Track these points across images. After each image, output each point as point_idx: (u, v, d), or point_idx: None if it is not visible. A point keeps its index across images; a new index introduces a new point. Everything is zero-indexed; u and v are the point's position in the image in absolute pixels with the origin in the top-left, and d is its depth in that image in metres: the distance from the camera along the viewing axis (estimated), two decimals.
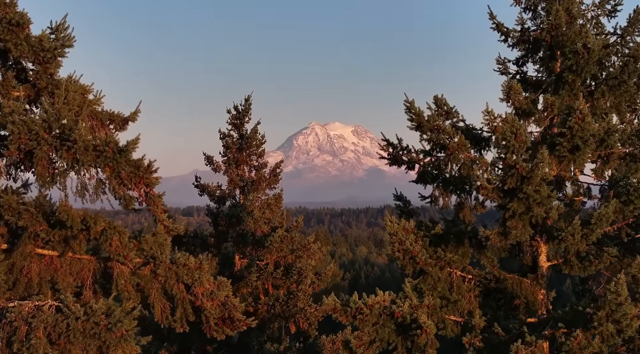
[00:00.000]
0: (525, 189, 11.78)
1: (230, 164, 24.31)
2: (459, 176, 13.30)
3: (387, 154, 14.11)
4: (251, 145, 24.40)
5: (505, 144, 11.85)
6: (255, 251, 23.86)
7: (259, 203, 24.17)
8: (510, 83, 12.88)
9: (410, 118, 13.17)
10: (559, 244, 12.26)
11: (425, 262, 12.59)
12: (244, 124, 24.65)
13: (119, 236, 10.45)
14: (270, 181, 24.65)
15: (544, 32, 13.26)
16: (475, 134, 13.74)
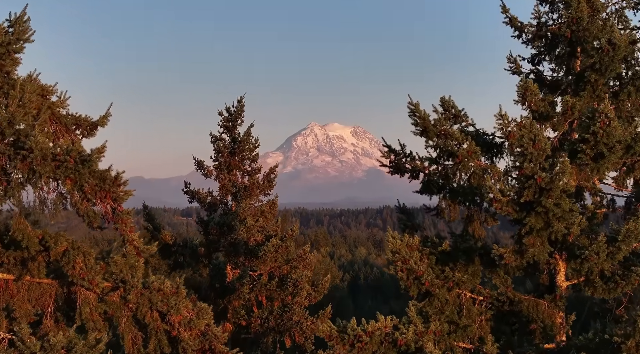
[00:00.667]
0: (544, 202, 10.47)
1: (222, 169, 23.00)
2: (468, 186, 11.99)
3: (389, 161, 12.78)
4: (244, 149, 23.08)
5: (522, 151, 10.53)
6: (248, 261, 22.55)
7: (252, 210, 22.84)
8: (527, 83, 11.56)
9: (415, 122, 11.85)
10: (581, 264, 10.95)
11: (431, 283, 11.27)
12: (237, 126, 23.34)
13: (83, 258, 9.14)
14: (264, 187, 23.32)
15: (563, 27, 11.94)
16: (487, 140, 12.41)
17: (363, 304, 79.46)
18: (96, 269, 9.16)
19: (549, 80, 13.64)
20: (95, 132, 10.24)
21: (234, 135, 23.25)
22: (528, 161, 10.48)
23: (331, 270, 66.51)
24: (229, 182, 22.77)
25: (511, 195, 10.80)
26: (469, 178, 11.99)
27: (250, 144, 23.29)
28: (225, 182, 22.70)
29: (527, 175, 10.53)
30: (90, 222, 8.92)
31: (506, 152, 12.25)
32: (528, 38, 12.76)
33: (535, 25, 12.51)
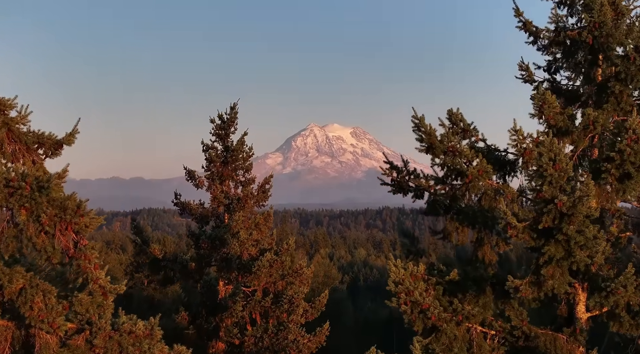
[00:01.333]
0: (565, 229, 9.33)
1: (214, 179, 21.83)
2: (479, 209, 10.84)
3: (391, 179, 11.63)
4: (237, 158, 21.90)
5: (541, 172, 9.37)
6: (242, 277, 21.36)
7: (246, 223, 21.66)
8: (544, 95, 10.40)
9: (420, 138, 10.71)
10: (606, 297, 9.80)
11: (438, 317, 10.12)
12: (230, 135, 22.16)
13: (43, 297, 7.97)
14: (259, 198, 22.15)
15: (583, 32, 10.78)
16: (499, 157, 11.26)
17: (363, 306, 78.41)
18: (58, 309, 8.00)
19: (565, 90, 12.50)
20: (61, 152, 9.08)
21: (226, 143, 22.08)
22: (547, 183, 9.33)
23: (331, 271, 65.49)
24: (221, 194, 21.61)
25: (528, 220, 9.66)
26: (480, 199, 10.83)
27: (244, 153, 22.12)
28: (217, 194, 21.54)
29: (546, 199, 9.39)
30: (49, 258, 7.73)
31: (520, 170, 11.09)
32: (544, 44, 11.60)
33: (553, 31, 11.36)
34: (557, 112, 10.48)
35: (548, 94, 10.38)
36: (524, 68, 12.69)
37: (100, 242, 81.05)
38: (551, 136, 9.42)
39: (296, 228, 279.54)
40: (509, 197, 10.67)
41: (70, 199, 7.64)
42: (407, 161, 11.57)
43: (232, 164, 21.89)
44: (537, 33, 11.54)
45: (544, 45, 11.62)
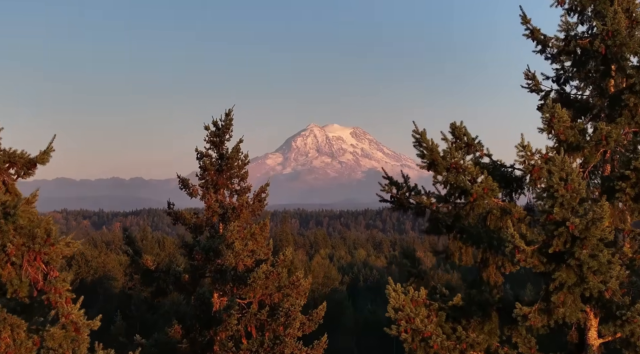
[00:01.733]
0: (577, 253, 8.68)
1: (208, 188, 21.16)
2: (484, 229, 10.16)
3: (390, 196, 10.96)
4: (232, 166, 21.23)
5: (551, 193, 8.71)
6: (237, 289, 20.71)
7: (241, 233, 21.00)
8: (554, 108, 9.72)
9: (421, 154, 10.04)
10: (621, 326, 9.14)
11: (441, 346, 9.47)
12: (224, 142, 21.48)
13: (11, 332, 7.30)
14: (255, 208, 21.47)
15: (596, 41, 10.11)
16: (505, 173, 10.59)
17: (362, 307, 78.00)
18: (28, 345, 7.34)
19: (574, 100, 11.83)
20: (34, 171, 8.41)
21: (221, 151, 21.41)
22: (558, 204, 8.67)
23: (330, 272, 64.99)
24: (215, 203, 20.94)
25: (537, 243, 9.01)
26: (485, 218, 10.17)
27: (239, 161, 21.45)
28: (211, 203, 20.87)
29: (557, 221, 8.74)
30: (16, 291, 7.07)
31: (528, 187, 10.42)
32: (553, 53, 10.93)
33: (562, 39, 10.69)
34: (568, 126, 9.82)
35: (558, 108, 9.71)
36: (530, 77, 12.04)
37: (71, 274, 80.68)
38: (563, 153, 8.74)
39: (296, 228, 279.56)
40: (516, 217, 10.01)
41: (40, 227, 6.97)
42: (407, 176, 10.90)
43: (227, 173, 21.22)
44: (545, 41, 10.89)
45: (552, 54, 10.96)
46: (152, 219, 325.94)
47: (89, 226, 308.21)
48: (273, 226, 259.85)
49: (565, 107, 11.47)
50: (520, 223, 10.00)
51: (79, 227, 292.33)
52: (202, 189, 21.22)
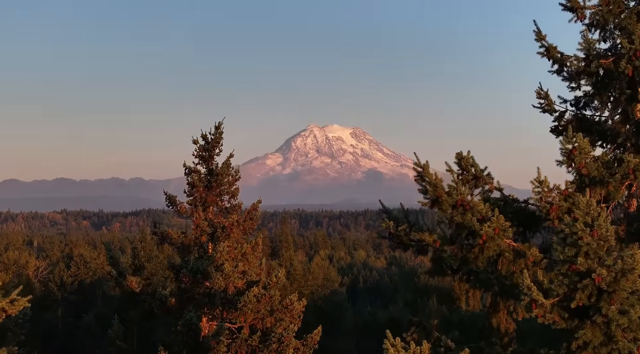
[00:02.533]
0: (604, 309, 7.52)
1: (197, 205, 19.99)
2: (494, 274, 8.99)
3: (389, 232, 9.79)
4: (222, 182, 20.05)
5: (574, 240, 7.54)
6: (226, 313, 19.54)
7: (232, 253, 19.82)
8: (575, 138, 8.54)
9: (424, 189, 8.87)
10: None
11: None
12: (214, 156, 20.31)
13: None
14: (246, 226, 20.29)
15: (621, 61, 8.93)
16: (518, 209, 9.41)
17: (362, 309, 76.99)
18: None
19: (592, 121, 10.66)
20: None
21: (210, 166, 20.24)
22: (583, 254, 7.50)
23: (330, 274, 64.16)
24: (204, 221, 19.77)
25: (558, 294, 7.83)
26: (495, 262, 8.99)
27: (230, 177, 20.28)
28: (200, 221, 19.69)
29: (581, 272, 7.57)
30: None
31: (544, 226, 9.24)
32: (572, 73, 9.74)
33: (583, 59, 9.49)
34: (591, 158, 8.64)
35: (579, 138, 8.53)
36: (542, 96, 10.87)
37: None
38: (588, 194, 7.56)
39: (296, 229, 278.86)
40: (531, 260, 8.83)
41: None
42: (407, 210, 9.72)
43: (216, 189, 20.06)
44: (562, 61, 9.70)
45: (571, 74, 9.78)
46: (151, 219, 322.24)
47: (88, 226, 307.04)
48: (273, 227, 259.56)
49: (582, 131, 10.34)
50: (535, 267, 8.82)
51: (78, 228, 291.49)
52: (191, 207, 20.06)
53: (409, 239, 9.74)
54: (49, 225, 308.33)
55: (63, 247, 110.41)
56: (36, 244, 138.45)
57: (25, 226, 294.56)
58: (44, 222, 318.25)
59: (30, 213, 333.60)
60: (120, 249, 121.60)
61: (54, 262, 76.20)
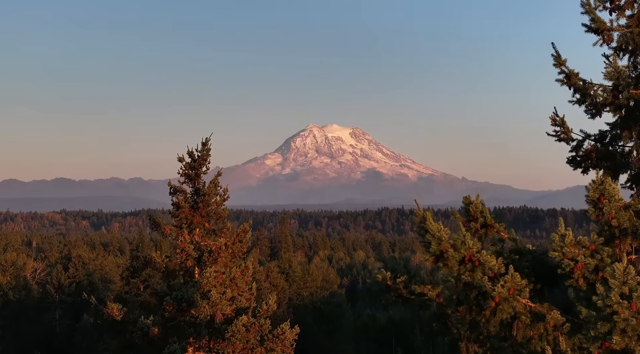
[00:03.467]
0: None
1: (182, 227, 18.71)
2: (507, 339, 7.71)
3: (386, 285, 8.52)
4: (209, 203, 18.76)
5: (608, 313, 6.28)
6: (213, 343, 18.28)
7: (219, 279, 18.53)
8: (603, 185, 7.28)
9: (426, 243, 7.60)
10: None
11: None
12: (201, 175, 19.02)
13: None
14: (235, 249, 18.98)
15: None
16: (534, 261, 8.12)
17: (362, 310, 76.01)
18: None
19: (614, 151, 9.38)
20: None
21: (197, 186, 18.96)
22: (619, 331, 6.23)
23: (329, 276, 63.26)
24: (190, 245, 18.48)
25: None
26: (510, 325, 7.72)
27: (218, 197, 18.99)
28: (185, 245, 18.40)
29: (617, 351, 6.31)
30: None
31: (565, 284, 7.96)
32: (596, 105, 8.47)
33: (610, 88, 8.22)
34: (622, 206, 7.36)
35: (608, 183, 7.26)
36: (558, 123, 9.60)
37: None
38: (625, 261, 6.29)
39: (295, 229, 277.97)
40: (552, 324, 7.55)
41: None
42: (407, 259, 8.44)
43: (203, 210, 18.77)
44: (586, 89, 8.43)
45: (596, 105, 8.50)
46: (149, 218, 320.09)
47: (88, 226, 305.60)
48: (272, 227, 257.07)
49: (604, 161, 9.09)
50: (556, 331, 7.55)
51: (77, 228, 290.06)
52: (176, 229, 18.78)
53: (409, 292, 8.48)
54: (49, 225, 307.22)
55: (62, 247, 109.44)
56: (35, 245, 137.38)
57: (24, 226, 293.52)
58: (44, 222, 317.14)
59: (30, 213, 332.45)
60: (119, 250, 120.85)
61: (52, 263, 75.68)
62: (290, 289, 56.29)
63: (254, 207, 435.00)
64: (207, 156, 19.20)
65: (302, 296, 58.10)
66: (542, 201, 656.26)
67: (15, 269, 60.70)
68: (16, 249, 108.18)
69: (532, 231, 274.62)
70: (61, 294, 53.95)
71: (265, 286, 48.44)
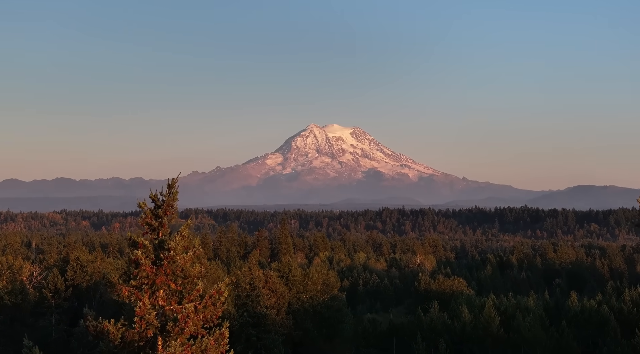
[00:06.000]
0: None
1: (142, 289, 15.33)
2: None
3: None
4: (175, 259, 15.38)
5: None
6: None
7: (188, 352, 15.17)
8: None
9: None
10: None
11: None
12: (165, 224, 15.64)
13: None
14: (207, 314, 15.59)
15: None
16: None
17: (362, 313, 73.71)
18: None
19: None
20: None
21: (161, 237, 15.57)
22: None
23: (330, 279, 60.52)
24: (151, 311, 15.08)
25: None
26: None
27: (187, 251, 15.60)
28: (145, 311, 15.00)
29: None
30: None
31: None
32: None
33: None
34: None
35: None
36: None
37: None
38: None
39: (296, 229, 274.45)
40: None
41: None
42: None
43: (168, 268, 15.38)
44: None
45: None
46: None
47: (88, 226, 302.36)
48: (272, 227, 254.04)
49: None
50: None
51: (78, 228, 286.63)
52: (135, 291, 15.37)
53: None
54: (49, 225, 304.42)
55: (61, 248, 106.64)
56: (34, 246, 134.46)
57: (24, 226, 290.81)
58: (44, 222, 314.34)
59: (30, 213, 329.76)
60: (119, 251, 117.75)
61: (50, 265, 73.64)
62: (289, 294, 53.63)
63: (254, 207, 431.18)
64: (174, 200, 15.82)
65: (302, 301, 55.48)
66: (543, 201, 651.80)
67: (11, 273, 58.92)
68: (15, 250, 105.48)
69: (533, 231, 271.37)
70: (57, 298, 52.28)
71: (264, 292, 46.14)
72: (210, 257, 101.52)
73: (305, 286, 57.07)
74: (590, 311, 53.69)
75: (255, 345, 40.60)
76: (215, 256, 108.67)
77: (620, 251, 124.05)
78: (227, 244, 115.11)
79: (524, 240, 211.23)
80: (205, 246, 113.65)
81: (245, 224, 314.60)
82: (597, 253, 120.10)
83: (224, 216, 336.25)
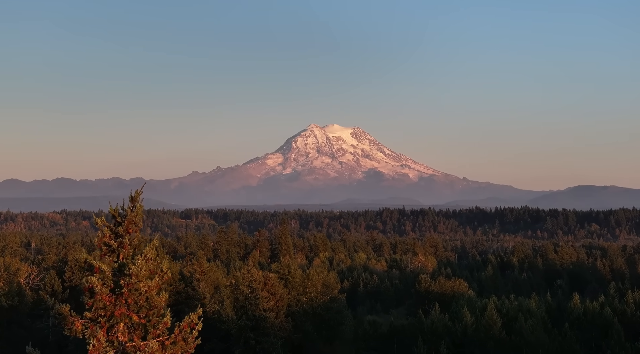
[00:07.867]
0: None
1: (98, 322, 13.26)
2: None
3: None
4: (137, 286, 13.33)
5: None
6: None
7: None
8: None
9: None
10: None
11: None
12: (125, 245, 13.56)
13: None
14: (176, 352, 13.46)
15: None
16: None
17: (362, 314, 72.28)
18: None
19: None
20: None
21: (121, 260, 13.53)
22: None
23: (330, 281, 58.85)
24: (109, 348, 13.07)
25: None
26: None
27: (156, 277, 13.54)
28: (100, 349, 12.96)
29: None
30: None
31: None
32: None
33: None
34: None
35: None
36: None
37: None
38: None
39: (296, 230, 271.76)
40: None
41: None
42: None
43: (129, 297, 13.33)
44: None
45: None
46: (151, 220, 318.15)
47: (88, 226, 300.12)
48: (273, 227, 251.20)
49: None
50: None
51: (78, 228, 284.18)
52: (90, 324, 13.36)
53: None
54: (49, 225, 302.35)
55: (60, 249, 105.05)
56: (34, 246, 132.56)
57: (24, 226, 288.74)
58: (44, 222, 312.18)
59: (30, 213, 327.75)
60: None
61: (49, 266, 72.54)
62: (289, 296, 51.93)
63: (254, 207, 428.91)
64: (137, 216, 13.74)
65: (302, 302, 53.78)
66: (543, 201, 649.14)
67: (8, 275, 57.47)
68: (14, 251, 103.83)
69: (534, 231, 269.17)
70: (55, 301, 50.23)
71: (263, 295, 44.51)
72: (210, 258, 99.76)
73: (305, 287, 55.53)
74: (593, 313, 52.08)
75: (254, 348, 39.20)
76: (215, 256, 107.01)
77: (621, 251, 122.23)
78: (227, 244, 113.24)
79: (525, 240, 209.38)
80: (205, 247, 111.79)
81: (245, 224, 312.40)
82: (598, 254, 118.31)
83: (224, 216, 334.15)
